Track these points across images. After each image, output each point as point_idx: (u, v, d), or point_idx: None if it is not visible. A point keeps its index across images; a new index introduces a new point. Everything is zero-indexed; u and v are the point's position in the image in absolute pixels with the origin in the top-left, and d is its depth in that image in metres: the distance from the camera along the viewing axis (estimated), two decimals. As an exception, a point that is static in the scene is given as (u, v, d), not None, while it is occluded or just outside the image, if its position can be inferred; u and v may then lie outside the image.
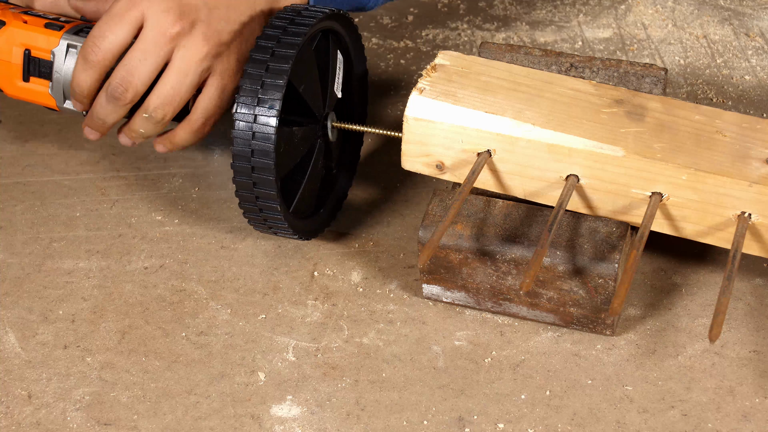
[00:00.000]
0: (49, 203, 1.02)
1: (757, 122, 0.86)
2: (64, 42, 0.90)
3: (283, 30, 0.86)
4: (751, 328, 0.87)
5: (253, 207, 0.88)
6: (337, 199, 0.99)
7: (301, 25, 0.87)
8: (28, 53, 0.91)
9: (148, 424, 0.81)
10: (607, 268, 0.82)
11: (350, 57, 0.96)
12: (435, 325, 0.88)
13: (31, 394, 0.83)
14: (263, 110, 0.84)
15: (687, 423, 0.79)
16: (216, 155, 1.07)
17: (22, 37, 0.91)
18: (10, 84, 0.93)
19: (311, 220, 0.95)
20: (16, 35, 0.91)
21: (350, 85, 0.98)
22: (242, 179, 0.86)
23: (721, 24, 1.26)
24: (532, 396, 0.82)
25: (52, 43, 0.91)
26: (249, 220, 0.91)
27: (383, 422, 0.80)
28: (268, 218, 0.89)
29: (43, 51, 0.91)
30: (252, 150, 0.85)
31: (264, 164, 0.85)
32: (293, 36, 0.86)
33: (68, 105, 0.92)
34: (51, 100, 0.93)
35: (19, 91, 0.93)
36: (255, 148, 0.85)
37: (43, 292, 0.92)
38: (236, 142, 0.85)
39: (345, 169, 1.00)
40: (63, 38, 0.90)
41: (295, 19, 0.87)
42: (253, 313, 0.90)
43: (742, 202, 0.81)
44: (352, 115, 0.99)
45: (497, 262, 0.84)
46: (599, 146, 0.83)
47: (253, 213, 0.89)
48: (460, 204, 0.81)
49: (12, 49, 0.92)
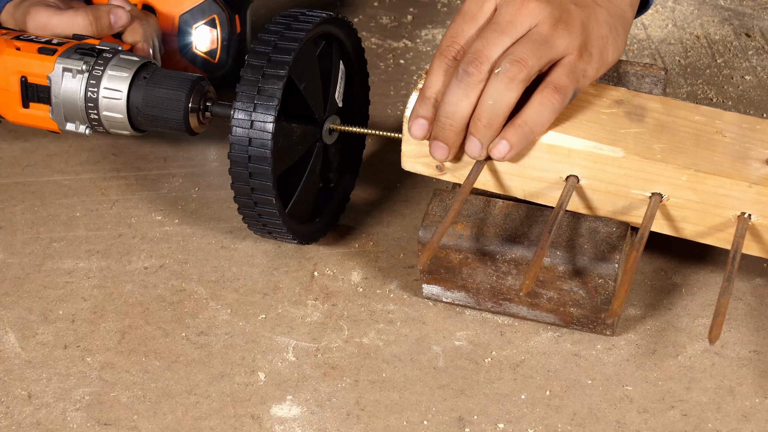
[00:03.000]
0: (49, 203, 1.02)
1: (757, 122, 0.86)
2: (59, 66, 0.91)
3: (280, 35, 0.86)
4: (751, 328, 0.87)
5: (252, 212, 0.89)
6: (338, 203, 0.99)
7: (297, 30, 0.87)
8: (25, 80, 0.92)
9: (148, 424, 0.81)
10: (608, 268, 0.82)
11: (351, 62, 0.96)
12: (435, 325, 0.88)
13: (31, 394, 0.83)
14: (260, 116, 0.84)
15: (687, 423, 0.79)
16: (215, 155, 1.08)
17: (16, 64, 0.92)
18: (11, 111, 0.94)
19: (311, 224, 0.95)
20: (10, 63, 0.92)
21: (351, 90, 0.98)
22: (240, 185, 0.87)
23: (721, 24, 1.26)
24: (532, 396, 0.82)
25: (47, 68, 0.91)
26: (248, 225, 0.91)
27: (383, 422, 0.80)
28: (267, 223, 0.89)
29: (39, 77, 0.92)
30: (249, 156, 0.85)
31: (261, 170, 0.85)
32: (290, 41, 0.86)
33: (70, 127, 0.93)
34: (53, 124, 0.93)
35: (21, 117, 0.94)
36: (252, 154, 0.85)
37: (43, 292, 0.92)
38: (233, 148, 0.85)
39: (347, 173, 1.00)
40: (57, 62, 0.91)
41: (292, 24, 0.87)
42: (253, 313, 0.90)
43: (742, 202, 0.81)
44: (353, 120, 0.99)
45: (497, 262, 0.84)
46: (599, 147, 0.83)
47: (252, 218, 0.90)
48: (459, 205, 0.81)
49: (9, 78, 0.92)
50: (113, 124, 0.92)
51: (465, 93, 0.81)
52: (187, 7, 1.08)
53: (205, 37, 1.08)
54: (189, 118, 0.90)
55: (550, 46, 0.80)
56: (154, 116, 0.90)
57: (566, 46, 0.81)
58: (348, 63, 0.96)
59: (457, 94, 0.81)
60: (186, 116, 0.90)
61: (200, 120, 0.91)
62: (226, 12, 1.08)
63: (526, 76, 0.80)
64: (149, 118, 0.91)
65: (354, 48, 0.96)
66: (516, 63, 0.79)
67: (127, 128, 0.92)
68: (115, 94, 0.90)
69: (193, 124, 0.91)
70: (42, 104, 0.93)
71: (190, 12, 1.08)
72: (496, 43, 0.81)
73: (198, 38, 1.08)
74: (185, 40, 1.08)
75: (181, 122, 0.90)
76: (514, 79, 0.79)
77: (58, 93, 0.91)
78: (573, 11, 0.82)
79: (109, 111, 0.91)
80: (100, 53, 0.91)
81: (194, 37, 1.08)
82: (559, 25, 0.81)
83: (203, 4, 1.08)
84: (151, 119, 0.91)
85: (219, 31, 1.08)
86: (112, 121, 0.91)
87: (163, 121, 0.91)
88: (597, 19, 0.83)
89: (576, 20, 0.82)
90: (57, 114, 0.92)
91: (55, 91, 0.91)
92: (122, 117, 0.91)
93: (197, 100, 0.90)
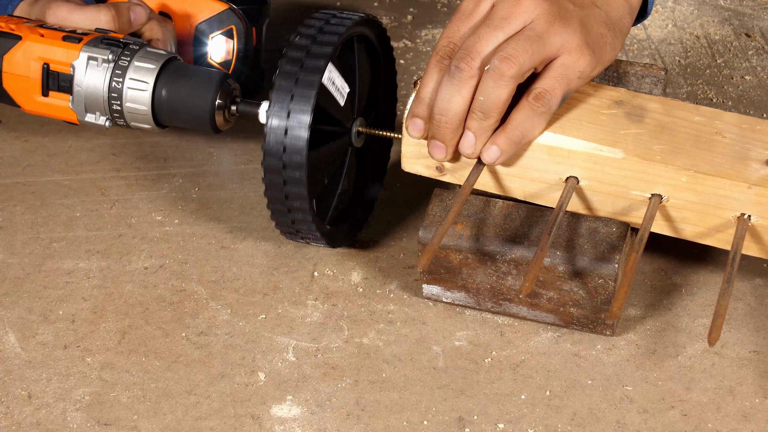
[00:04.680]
0: (49, 203, 1.02)
1: (756, 123, 0.86)
2: (84, 54, 0.89)
3: (313, 39, 0.85)
4: (751, 328, 0.87)
5: (286, 219, 0.88)
6: (366, 205, 0.98)
7: (331, 33, 0.86)
8: (47, 67, 0.90)
9: (148, 424, 0.81)
10: (608, 268, 0.82)
11: (379, 63, 0.96)
12: (435, 325, 0.88)
13: (31, 394, 0.83)
14: (294, 123, 0.84)
15: (687, 423, 0.79)
16: (215, 155, 1.08)
17: (39, 50, 0.90)
18: (29, 99, 0.92)
19: (341, 226, 0.95)
20: (33, 49, 0.90)
21: (377, 91, 0.97)
22: (274, 193, 0.86)
23: (721, 24, 1.26)
24: (532, 396, 0.82)
25: (72, 56, 0.89)
26: (281, 231, 0.91)
27: (383, 422, 0.80)
28: (301, 229, 0.89)
29: (62, 64, 0.90)
30: (284, 164, 0.84)
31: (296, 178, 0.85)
32: (324, 45, 0.85)
33: (90, 118, 0.91)
34: (72, 114, 0.91)
35: (38, 106, 0.92)
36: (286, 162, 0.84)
37: (43, 292, 0.92)
38: (267, 156, 0.85)
39: (374, 175, 0.99)
40: (83, 50, 0.89)
41: (324, 28, 0.86)
42: (253, 313, 0.90)
43: (742, 203, 0.81)
44: (379, 120, 0.98)
45: (497, 263, 0.84)
46: (599, 148, 0.83)
47: (285, 225, 0.89)
48: (460, 206, 0.81)
49: (30, 64, 0.91)
50: (135, 117, 0.90)
51: (457, 89, 0.81)
52: (205, 16, 1.06)
53: (221, 48, 1.06)
54: (215, 115, 0.89)
55: (544, 43, 0.80)
56: (179, 111, 0.89)
57: (562, 44, 0.81)
58: (376, 64, 0.95)
59: (449, 90, 0.81)
60: (212, 112, 0.88)
61: (226, 118, 0.90)
62: (245, 23, 1.06)
63: (517, 72, 0.79)
64: (174, 112, 0.89)
65: (383, 49, 0.95)
66: (506, 60, 0.79)
67: (150, 122, 0.90)
68: (141, 85, 0.88)
69: (219, 121, 0.89)
70: (62, 93, 0.91)
71: (207, 21, 1.06)
72: (488, 39, 0.80)
73: (213, 48, 1.06)
74: (200, 50, 1.06)
75: (207, 118, 0.88)
76: (503, 76, 0.79)
77: (81, 82, 0.89)
78: (570, 9, 0.82)
79: (133, 103, 0.89)
80: (126, 45, 0.90)
81: (210, 46, 1.06)
82: (556, 23, 0.81)
83: (222, 14, 1.06)
84: (175, 114, 0.89)
85: (236, 42, 1.06)
86: (135, 113, 0.90)
87: (188, 117, 0.89)
88: (595, 18, 0.83)
89: (573, 18, 0.81)
90: (77, 104, 0.90)
91: (78, 80, 0.89)
92: (146, 109, 0.89)
93: (224, 97, 0.89)
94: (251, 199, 1.02)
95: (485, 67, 0.80)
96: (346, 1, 1.35)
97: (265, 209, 1.00)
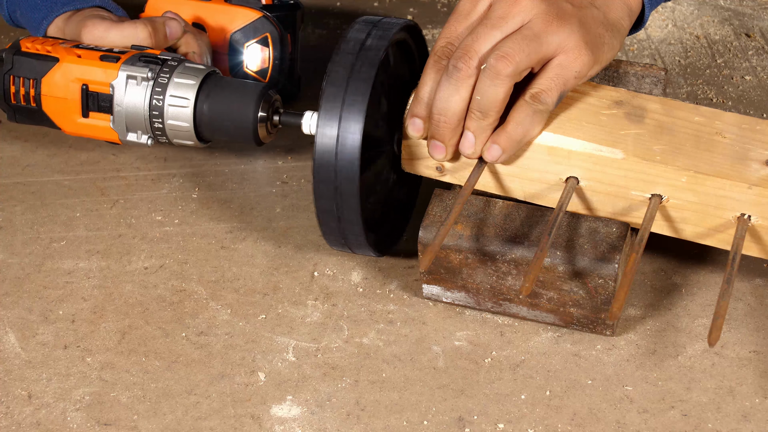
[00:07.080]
0: (49, 203, 1.02)
1: (756, 123, 0.86)
2: (123, 73, 0.88)
3: (361, 45, 0.84)
4: (751, 328, 0.87)
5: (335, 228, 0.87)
6: (404, 210, 0.97)
7: (380, 38, 0.84)
8: (86, 88, 0.90)
9: (148, 424, 0.81)
10: (608, 268, 0.82)
11: (417, 67, 0.94)
12: (435, 325, 0.88)
13: (31, 394, 0.83)
14: (347, 133, 0.82)
15: (687, 423, 0.80)
16: (216, 155, 1.08)
17: (77, 71, 0.90)
18: (69, 121, 0.91)
19: (383, 233, 0.94)
20: (71, 70, 0.90)
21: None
22: (324, 203, 0.85)
23: (721, 24, 1.26)
24: (532, 396, 0.82)
25: (111, 75, 0.89)
26: (328, 241, 0.89)
27: (383, 422, 0.80)
28: (350, 242, 0.88)
29: (101, 84, 0.89)
30: (336, 172, 0.83)
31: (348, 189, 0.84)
32: (374, 50, 0.84)
33: (131, 137, 0.90)
34: (113, 134, 0.91)
35: (79, 127, 0.91)
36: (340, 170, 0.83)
37: (43, 292, 0.92)
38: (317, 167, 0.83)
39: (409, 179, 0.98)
40: (121, 69, 0.88)
41: (373, 32, 0.85)
42: (253, 314, 0.90)
43: (742, 204, 0.81)
44: None
45: (497, 263, 0.84)
46: (599, 148, 0.83)
47: (333, 234, 0.88)
48: (460, 207, 0.81)
49: (68, 85, 0.90)
50: (177, 134, 0.89)
51: (455, 88, 0.81)
52: (239, 25, 1.04)
53: (257, 56, 1.05)
54: (258, 128, 0.87)
55: (541, 43, 0.80)
56: (222, 125, 0.88)
57: (559, 43, 0.81)
58: (414, 68, 0.94)
59: (447, 89, 0.81)
60: (255, 125, 0.87)
61: (268, 130, 0.88)
62: (279, 30, 1.05)
63: (513, 71, 0.79)
64: (216, 127, 0.88)
65: (420, 53, 0.94)
66: (502, 59, 0.79)
67: (192, 138, 0.89)
68: (182, 102, 0.88)
69: (262, 133, 0.88)
70: (102, 113, 0.90)
71: (242, 30, 1.04)
72: (485, 38, 0.80)
73: (249, 57, 1.05)
74: (236, 59, 1.05)
75: (250, 132, 0.87)
76: (499, 75, 0.79)
77: (121, 101, 0.89)
78: (568, 9, 0.82)
79: (174, 120, 0.88)
80: (165, 62, 0.89)
81: (245, 55, 1.05)
82: (553, 22, 0.81)
83: (256, 22, 1.04)
84: (217, 128, 0.88)
85: (271, 49, 1.05)
86: (177, 130, 0.89)
87: (230, 131, 0.88)
88: (593, 18, 0.83)
89: (571, 18, 0.81)
90: (118, 123, 0.89)
91: (118, 99, 0.89)
92: (188, 126, 0.88)
93: (266, 109, 0.87)
94: (251, 199, 1.02)
95: (482, 66, 0.80)
96: (346, 1, 1.35)
97: (265, 209, 1.00)
